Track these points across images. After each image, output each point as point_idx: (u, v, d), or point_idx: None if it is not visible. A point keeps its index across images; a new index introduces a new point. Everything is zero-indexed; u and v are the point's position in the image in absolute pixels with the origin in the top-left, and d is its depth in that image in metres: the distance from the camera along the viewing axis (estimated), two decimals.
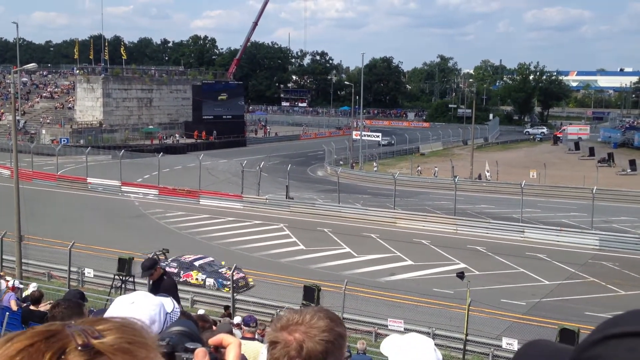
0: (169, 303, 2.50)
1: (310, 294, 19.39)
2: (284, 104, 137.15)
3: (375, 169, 58.48)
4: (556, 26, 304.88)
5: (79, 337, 0.98)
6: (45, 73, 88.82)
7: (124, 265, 21.58)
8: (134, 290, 20.57)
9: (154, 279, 8.74)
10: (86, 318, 1.15)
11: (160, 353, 1.09)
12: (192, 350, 1.61)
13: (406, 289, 22.79)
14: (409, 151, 72.57)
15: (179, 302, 7.94)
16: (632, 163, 58.57)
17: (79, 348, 0.97)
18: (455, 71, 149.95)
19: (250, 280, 23.86)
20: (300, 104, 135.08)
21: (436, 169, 55.97)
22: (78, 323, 1.03)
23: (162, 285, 8.47)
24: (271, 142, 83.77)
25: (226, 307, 19.80)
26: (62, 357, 0.96)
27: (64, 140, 63.20)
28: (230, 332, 9.49)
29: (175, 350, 1.68)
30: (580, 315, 19.91)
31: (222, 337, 1.53)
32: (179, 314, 2.56)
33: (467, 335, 18.44)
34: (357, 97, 73.24)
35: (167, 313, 2.42)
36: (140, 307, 2.25)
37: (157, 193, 41.86)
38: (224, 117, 77.11)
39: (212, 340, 1.52)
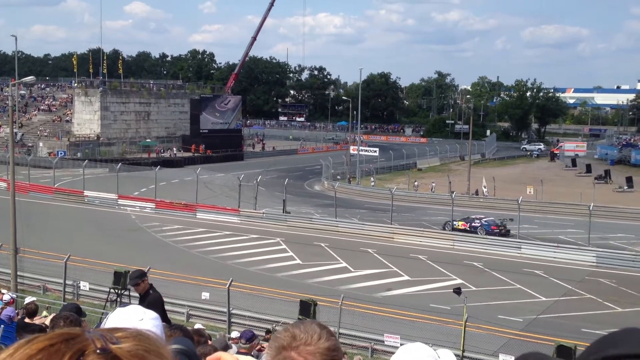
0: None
1: (307, 309, 19.29)
2: (281, 118, 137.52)
3: (372, 183, 58.50)
4: (553, 43, 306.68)
5: (98, 341, 1.03)
6: (43, 86, 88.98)
7: (120, 278, 21.47)
8: (129, 304, 20.48)
9: (139, 291, 8.72)
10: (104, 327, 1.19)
11: None
12: None
13: (403, 304, 22.70)
14: (407, 166, 72.65)
15: (165, 318, 7.95)
16: (629, 180, 58.63)
17: (98, 351, 1.01)
18: (453, 87, 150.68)
19: None
20: (298, 119, 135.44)
21: (433, 184, 56.00)
22: (97, 329, 1.08)
23: (147, 299, 8.47)
24: (269, 156, 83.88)
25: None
26: (81, 358, 1.00)
27: (61, 153, 63.15)
28: (226, 347, 9.45)
29: None
30: (577, 332, 19.84)
31: (219, 355, 1.52)
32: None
33: (463, 351, 18.35)
34: (355, 112, 73.56)
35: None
36: (148, 323, 2.23)
37: (153, 206, 41.78)
38: (222, 131, 77.28)
39: (210, 358, 1.51)
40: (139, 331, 1.11)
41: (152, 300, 8.40)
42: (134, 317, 2.28)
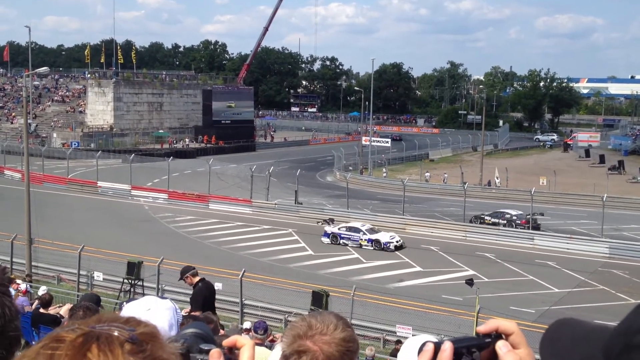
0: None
1: (319, 300, 19.38)
2: (293, 109, 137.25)
3: (384, 174, 58.41)
4: (567, 33, 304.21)
5: (121, 332, 0.99)
6: (57, 77, 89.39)
7: (133, 269, 21.68)
8: (143, 294, 20.65)
9: (189, 283, 9.02)
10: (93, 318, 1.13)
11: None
12: (207, 351, 1.64)
13: (415, 295, 22.74)
14: (418, 157, 72.38)
15: (211, 309, 8.06)
16: None
17: (129, 340, 0.98)
18: (466, 77, 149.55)
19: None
20: (309, 109, 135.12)
21: (445, 175, 55.84)
22: (103, 322, 1.03)
23: (194, 291, 8.78)
24: (280, 147, 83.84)
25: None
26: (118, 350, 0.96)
27: (74, 144, 63.47)
28: None
29: (190, 351, 1.72)
30: None
31: (236, 339, 1.56)
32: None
33: None
34: (367, 102, 73.29)
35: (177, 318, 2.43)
36: (156, 313, 2.28)
37: (166, 197, 41.98)
38: (234, 121, 77.31)
39: (226, 342, 1.55)
40: (129, 317, 1.07)
41: (195, 291, 8.76)
42: (143, 307, 2.33)
